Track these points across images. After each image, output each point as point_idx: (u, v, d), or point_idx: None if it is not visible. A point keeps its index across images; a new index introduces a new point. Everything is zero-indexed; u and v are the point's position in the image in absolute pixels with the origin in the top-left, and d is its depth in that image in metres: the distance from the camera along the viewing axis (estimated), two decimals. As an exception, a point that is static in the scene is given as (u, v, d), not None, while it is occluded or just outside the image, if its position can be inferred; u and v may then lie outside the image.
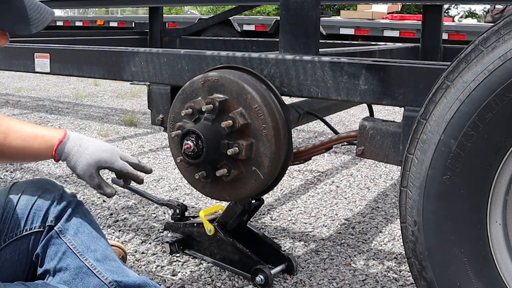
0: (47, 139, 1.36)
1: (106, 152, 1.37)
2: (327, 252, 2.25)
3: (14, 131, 1.35)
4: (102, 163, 1.36)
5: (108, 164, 1.37)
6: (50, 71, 2.28)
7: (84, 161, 1.35)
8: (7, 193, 1.40)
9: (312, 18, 1.69)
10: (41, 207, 1.37)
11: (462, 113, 1.16)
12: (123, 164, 1.39)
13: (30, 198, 1.38)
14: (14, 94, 6.70)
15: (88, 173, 1.35)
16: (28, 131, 1.36)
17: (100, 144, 1.39)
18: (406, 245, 1.30)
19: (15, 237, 1.36)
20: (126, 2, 4.27)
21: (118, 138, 4.35)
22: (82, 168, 1.35)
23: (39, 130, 1.38)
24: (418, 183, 1.24)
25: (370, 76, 1.53)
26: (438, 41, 3.06)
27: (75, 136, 1.38)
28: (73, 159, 1.35)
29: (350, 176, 3.42)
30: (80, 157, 1.35)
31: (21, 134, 1.35)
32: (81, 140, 1.38)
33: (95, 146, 1.37)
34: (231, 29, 8.48)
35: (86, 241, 1.35)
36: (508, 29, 1.13)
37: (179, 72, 1.91)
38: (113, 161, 1.37)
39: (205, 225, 2.05)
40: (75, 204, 1.40)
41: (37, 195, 1.38)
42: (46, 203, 1.37)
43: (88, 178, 1.36)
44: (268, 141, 1.65)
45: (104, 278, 1.31)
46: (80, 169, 1.35)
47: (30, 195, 1.38)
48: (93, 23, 10.15)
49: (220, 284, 1.96)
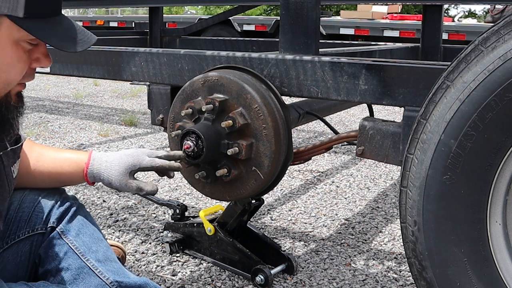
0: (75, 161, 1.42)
1: (130, 156, 1.40)
2: (327, 252, 2.25)
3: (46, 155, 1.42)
4: (131, 167, 1.39)
5: (137, 166, 1.40)
6: (50, 71, 2.28)
7: (115, 173, 1.38)
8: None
9: (312, 18, 1.69)
10: (43, 209, 1.38)
11: (462, 113, 1.16)
12: (151, 160, 1.41)
13: (32, 201, 1.39)
14: (14, 94, 6.69)
15: (124, 182, 1.39)
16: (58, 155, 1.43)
17: (124, 152, 1.43)
18: (406, 245, 1.30)
19: (17, 238, 1.37)
20: (126, 2, 4.28)
21: (118, 138, 4.35)
22: (117, 180, 1.38)
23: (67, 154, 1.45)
24: (418, 183, 1.24)
25: (370, 76, 1.53)
26: (438, 41, 3.06)
27: (99, 155, 1.42)
28: (105, 176, 1.39)
29: (350, 176, 3.42)
30: (110, 171, 1.39)
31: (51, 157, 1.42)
32: (106, 157, 1.42)
33: (119, 155, 1.41)
34: (231, 29, 8.48)
35: (88, 242, 1.36)
36: (508, 29, 1.13)
37: (179, 72, 1.91)
38: (140, 161, 1.40)
39: (205, 225, 2.05)
40: (76, 206, 1.42)
41: (39, 198, 1.40)
42: (48, 205, 1.39)
43: (126, 187, 1.39)
44: (268, 141, 1.65)
45: (105, 278, 1.32)
46: (115, 182, 1.39)
47: (32, 197, 1.40)
48: (93, 23, 10.15)
49: (220, 284, 1.96)
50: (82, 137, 4.33)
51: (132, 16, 10.61)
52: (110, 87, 7.39)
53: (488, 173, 1.16)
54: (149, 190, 1.39)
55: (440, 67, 1.42)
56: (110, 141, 4.23)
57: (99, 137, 4.36)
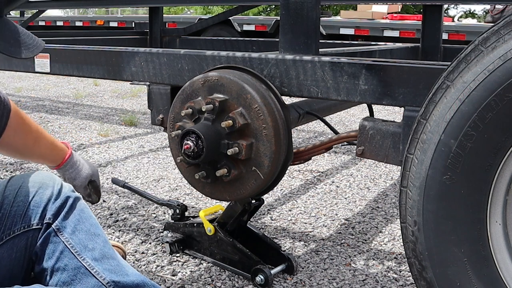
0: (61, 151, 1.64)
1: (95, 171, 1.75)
2: (327, 252, 2.25)
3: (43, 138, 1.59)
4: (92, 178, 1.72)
5: (94, 178, 1.73)
6: (50, 71, 2.28)
7: (83, 174, 1.68)
8: (4, 188, 1.37)
9: (312, 18, 1.69)
10: (39, 204, 1.35)
11: (462, 113, 1.16)
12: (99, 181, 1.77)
13: (27, 194, 1.36)
14: (14, 94, 6.70)
15: (84, 184, 1.70)
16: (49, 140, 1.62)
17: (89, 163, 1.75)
18: (406, 245, 1.30)
19: (12, 234, 1.34)
20: (126, 2, 4.28)
21: (118, 138, 4.35)
22: (80, 181, 1.68)
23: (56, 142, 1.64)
24: (418, 183, 1.24)
25: (370, 76, 1.53)
26: (438, 41, 3.06)
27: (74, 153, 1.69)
28: (73, 172, 1.66)
29: (350, 176, 3.42)
30: (79, 172, 1.67)
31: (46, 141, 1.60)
32: (78, 157, 1.70)
33: (88, 164, 1.73)
34: (231, 29, 8.48)
35: (84, 239, 1.34)
36: (508, 29, 1.13)
37: (179, 72, 1.91)
38: (97, 178, 1.76)
39: (205, 225, 2.05)
40: (73, 200, 1.38)
41: (34, 191, 1.36)
42: (44, 199, 1.36)
43: (83, 189, 1.70)
44: (268, 141, 1.65)
45: (102, 278, 1.30)
46: (78, 181, 1.67)
47: (27, 190, 1.36)
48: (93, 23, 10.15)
49: (220, 284, 1.96)
50: (82, 137, 4.33)
51: (132, 16, 10.60)
52: (110, 87, 7.39)
53: (488, 173, 1.16)
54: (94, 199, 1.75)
55: (440, 67, 1.42)
56: (110, 141, 4.23)
57: (99, 137, 4.36)
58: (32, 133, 1.55)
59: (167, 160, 3.66)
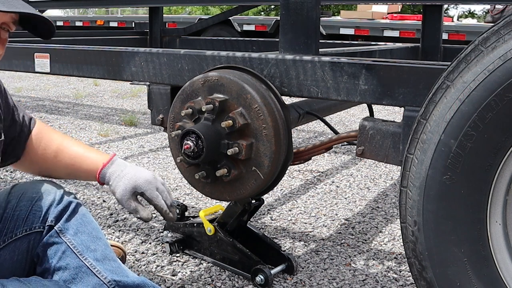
0: (94, 162, 1.46)
1: (143, 179, 1.42)
2: (327, 252, 2.25)
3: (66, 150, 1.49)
4: (137, 189, 1.41)
5: (141, 191, 1.41)
6: (50, 71, 2.28)
7: (122, 185, 1.41)
8: (7, 194, 1.41)
9: (312, 18, 1.69)
10: (41, 208, 1.38)
11: (462, 113, 1.16)
12: (156, 195, 1.43)
13: (30, 199, 1.39)
14: (14, 94, 6.70)
15: (126, 197, 1.40)
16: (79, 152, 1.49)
17: (141, 171, 1.44)
18: (406, 245, 1.30)
19: (14, 237, 1.36)
20: (126, 2, 4.28)
21: (118, 138, 4.35)
22: (120, 193, 1.41)
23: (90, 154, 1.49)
24: (418, 183, 1.24)
25: (370, 76, 1.53)
26: (438, 41, 3.06)
27: (119, 162, 1.45)
28: (113, 183, 1.42)
29: (350, 176, 3.42)
30: (119, 182, 1.41)
31: (71, 154, 1.49)
32: (124, 166, 1.44)
33: (134, 172, 1.42)
34: (231, 29, 8.48)
35: (86, 241, 1.36)
36: (508, 29, 1.13)
37: (179, 72, 1.91)
38: (147, 189, 1.42)
39: (205, 225, 2.05)
40: (75, 205, 1.41)
41: (37, 196, 1.40)
42: (46, 203, 1.38)
43: (125, 203, 1.41)
44: (268, 141, 1.65)
45: (103, 277, 1.31)
46: (118, 193, 1.41)
47: (30, 196, 1.40)
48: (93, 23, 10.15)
49: (220, 284, 1.96)
50: (82, 137, 4.33)
51: (132, 16, 10.61)
52: (110, 87, 7.39)
53: (488, 173, 1.16)
54: (144, 216, 1.41)
55: (440, 67, 1.42)
56: (110, 141, 4.23)
57: (99, 137, 4.36)
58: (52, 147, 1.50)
59: (167, 160, 3.66)
